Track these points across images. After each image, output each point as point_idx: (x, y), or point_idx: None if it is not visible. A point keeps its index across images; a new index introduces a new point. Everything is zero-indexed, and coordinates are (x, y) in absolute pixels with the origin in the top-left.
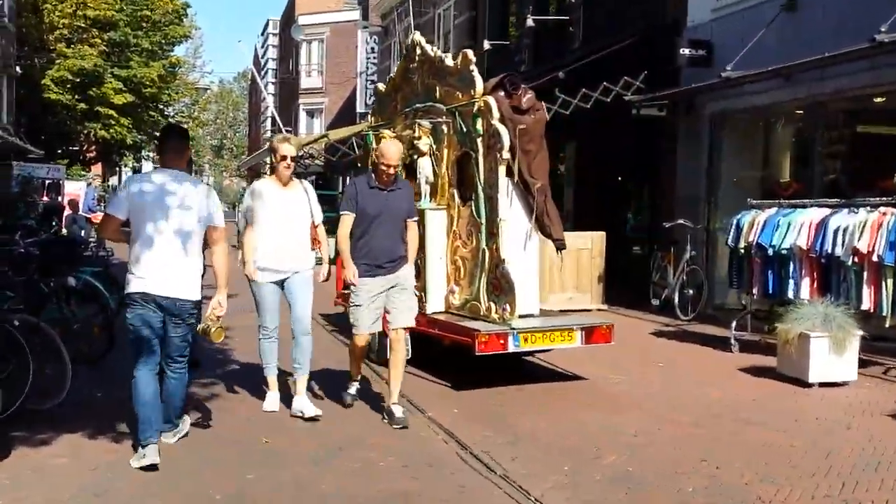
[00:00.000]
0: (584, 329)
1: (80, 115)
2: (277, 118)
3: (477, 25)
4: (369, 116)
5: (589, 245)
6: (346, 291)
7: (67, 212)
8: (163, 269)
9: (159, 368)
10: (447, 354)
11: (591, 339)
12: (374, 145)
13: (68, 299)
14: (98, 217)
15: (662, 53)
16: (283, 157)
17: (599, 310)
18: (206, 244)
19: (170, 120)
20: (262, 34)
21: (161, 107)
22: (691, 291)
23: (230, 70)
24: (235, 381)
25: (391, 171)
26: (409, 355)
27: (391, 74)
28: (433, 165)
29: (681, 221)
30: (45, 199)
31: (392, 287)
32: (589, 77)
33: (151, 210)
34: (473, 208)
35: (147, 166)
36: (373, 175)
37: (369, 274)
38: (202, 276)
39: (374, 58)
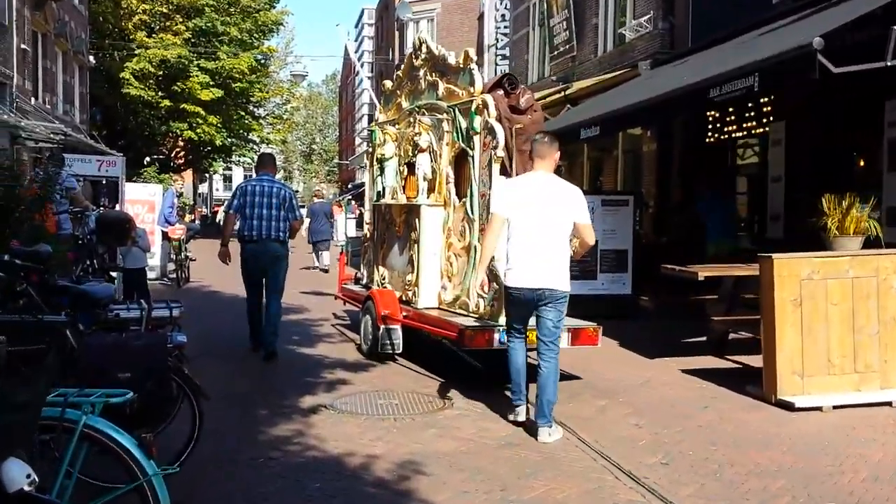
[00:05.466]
0: (570, 330)
1: (164, 114)
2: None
3: None
4: (377, 112)
5: (873, 273)
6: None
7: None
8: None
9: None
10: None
11: (578, 340)
12: (378, 141)
13: None
14: (175, 231)
15: None
16: None
17: None
18: None
19: (260, 121)
20: (357, 25)
21: (252, 107)
22: None
23: (322, 66)
24: None
25: None
26: (400, 350)
27: (398, 72)
28: (432, 162)
29: None
30: (94, 209)
31: None
32: None
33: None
34: (468, 205)
35: (238, 172)
36: None
37: None
38: None
39: (505, 27)
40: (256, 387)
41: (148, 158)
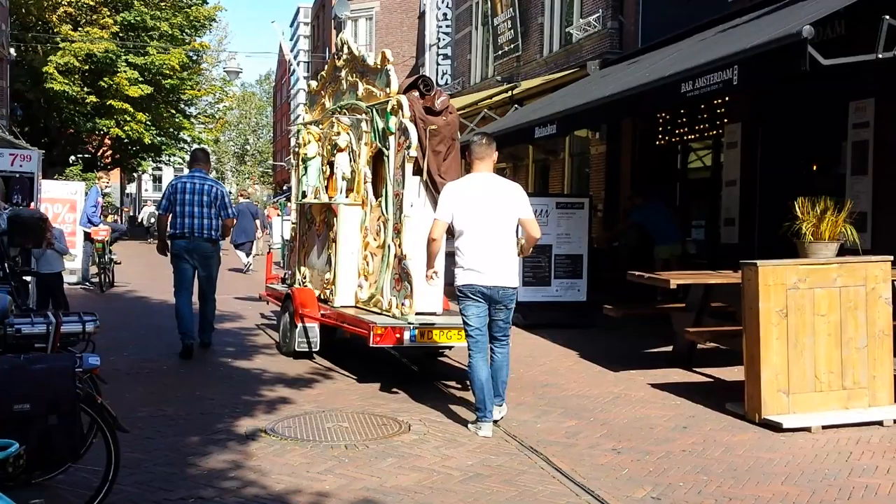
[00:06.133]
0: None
1: (90, 111)
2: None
3: None
4: (302, 113)
5: (861, 282)
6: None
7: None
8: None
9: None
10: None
11: None
12: (302, 141)
13: None
14: (99, 232)
15: None
16: None
17: None
18: None
19: (192, 120)
20: (292, 24)
21: (183, 105)
22: None
23: (256, 66)
24: None
25: None
26: (317, 348)
27: (322, 72)
28: (351, 162)
29: None
30: (5, 207)
31: None
32: None
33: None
34: (383, 205)
35: (168, 172)
36: None
37: None
38: None
39: (447, 26)
40: (186, 407)
41: (73, 157)
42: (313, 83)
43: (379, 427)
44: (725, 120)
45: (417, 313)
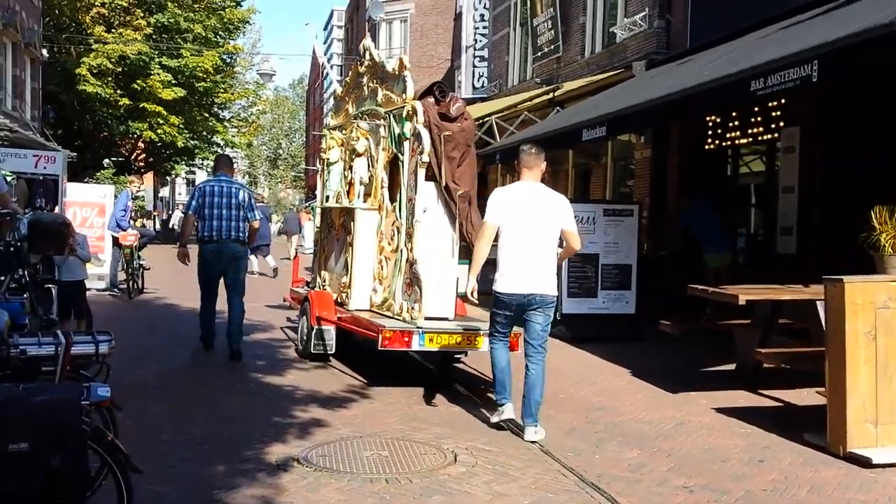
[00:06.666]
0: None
1: (124, 113)
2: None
3: None
4: (327, 118)
5: None
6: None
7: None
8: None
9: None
10: None
11: None
12: (326, 145)
13: None
14: (127, 237)
15: None
16: None
17: None
18: None
19: (225, 123)
20: (326, 27)
21: (216, 108)
22: None
23: (289, 70)
24: None
25: None
26: (332, 350)
27: (346, 78)
28: (370, 167)
29: None
30: (24, 211)
31: None
32: None
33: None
34: (397, 210)
35: (201, 176)
36: None
37: None
38: None
39: (484, 27)
40: (212, 430)
41: (107, 161)
42: (339, 88)
43: (422, 457)
44: (781, 123)
45: (428, 318)
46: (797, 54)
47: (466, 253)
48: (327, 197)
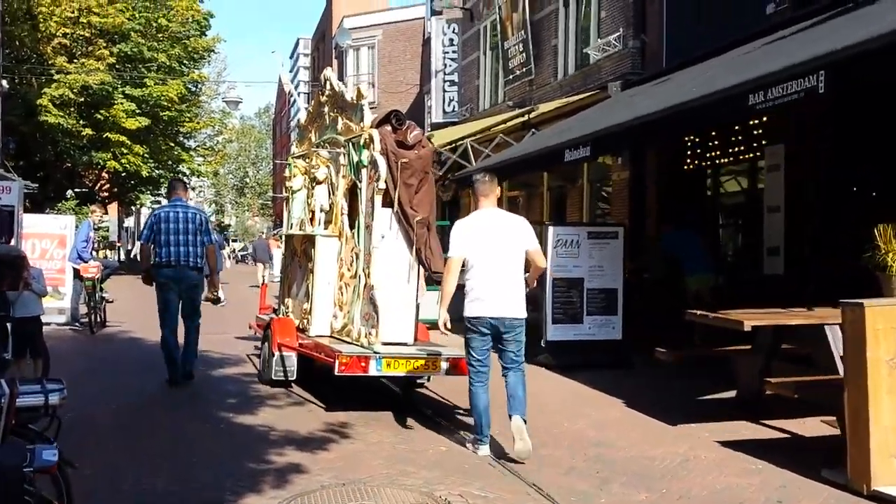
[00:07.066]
0: (449, 360)
1: (87, 143)
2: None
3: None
4: (292, 146)
5: None
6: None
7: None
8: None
9: None
10: None
11: (458, 370)
12: (289, 174)
13: None
14: (89, 269)
15: None
16: None
17: None
18: None
19: (191, 153)
20: (292, 56)
21: (181, 137)
22: None
23: (255, 98)
24: None
25: None
26: (294, 377)
27: (309, 107)
28: (330, 195)
29: None
30: None
31: None
32: None
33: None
34: (356, 236)
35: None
36: None
37: None
38: None
39: (454, 52)
40: (179, 479)
41: (70, 192)
42: (302, 118)
43: None
44: (764, 142)
45: (386, 343)
46: (801, 65)
47: (433, 280)
48: (291, 224)
